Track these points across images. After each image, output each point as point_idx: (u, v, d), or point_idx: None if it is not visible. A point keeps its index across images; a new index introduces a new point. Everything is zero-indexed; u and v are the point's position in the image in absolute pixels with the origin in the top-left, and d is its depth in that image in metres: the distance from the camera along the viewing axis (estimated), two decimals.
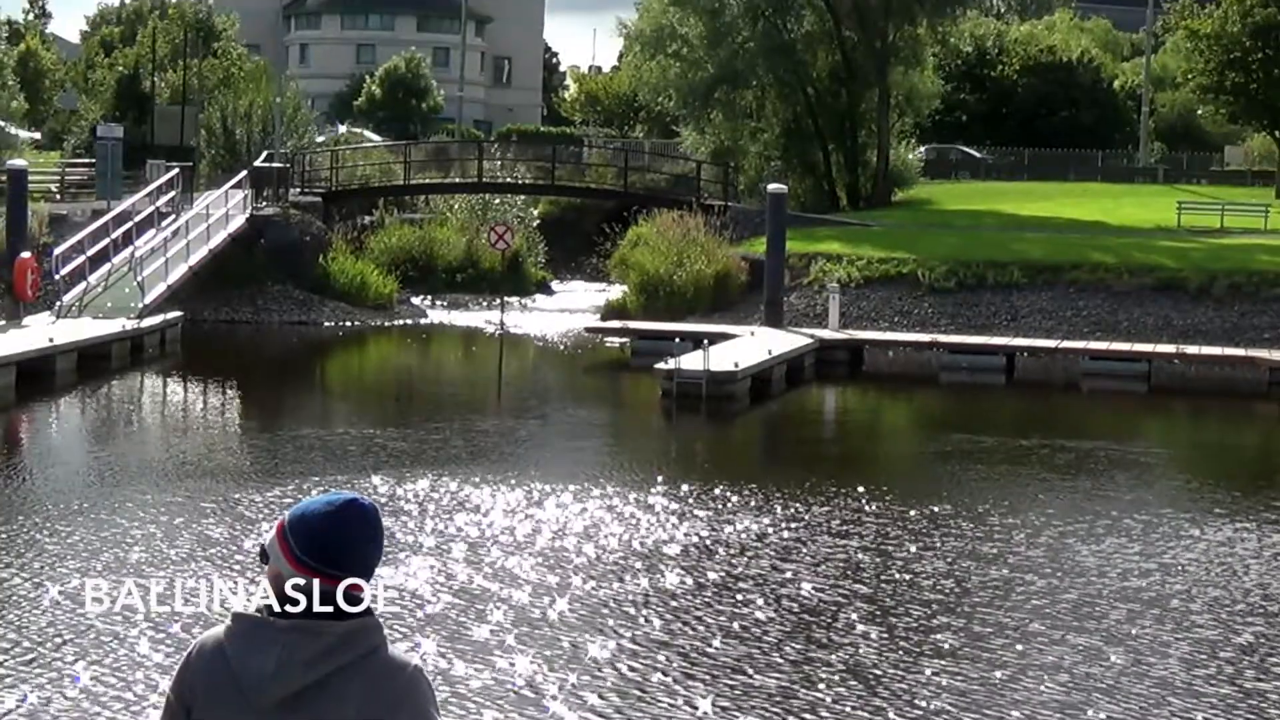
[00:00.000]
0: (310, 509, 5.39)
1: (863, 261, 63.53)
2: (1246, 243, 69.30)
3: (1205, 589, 25.10)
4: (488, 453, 37.01)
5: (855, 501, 30.90)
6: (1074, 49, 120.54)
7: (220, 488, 31.13)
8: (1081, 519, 30.20)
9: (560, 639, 20.88)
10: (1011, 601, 24.00)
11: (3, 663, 19.37)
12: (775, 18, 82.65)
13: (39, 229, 62.36)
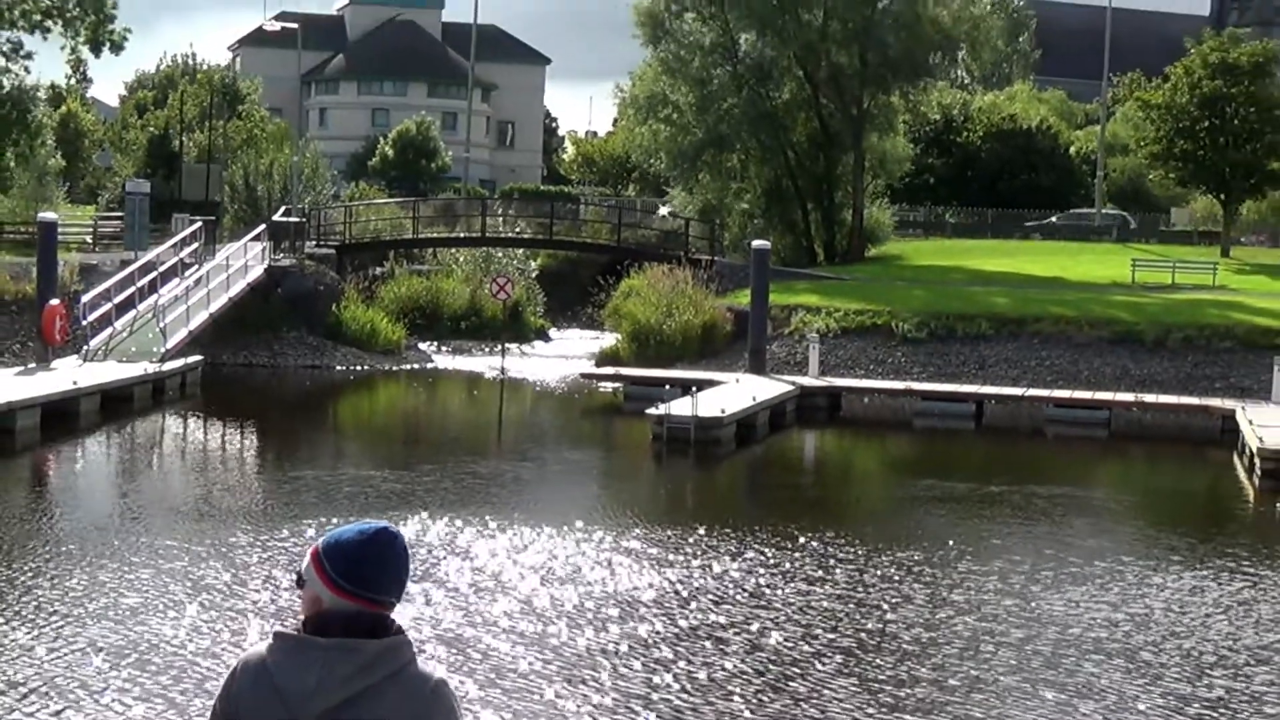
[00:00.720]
0: (344, 537, 5.44)
1: (840, 313, 62.93)
2: (1197, 298, 68.58)
3: (1173, 639, 23.87)
4: (481, 496, 35.79)
5: (831, 548, 29.82)
6: (1033, 117, 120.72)
7: (226, 528, 30.12)
8: (1048, 566, 29.07)
9: (531, 690, 19.79)
10: (982, 653, 22.68)
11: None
12: (759, 87, 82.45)
13: (70, 277, 61.41)
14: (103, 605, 23.36)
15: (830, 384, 56.23)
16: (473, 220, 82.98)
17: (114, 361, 52.85)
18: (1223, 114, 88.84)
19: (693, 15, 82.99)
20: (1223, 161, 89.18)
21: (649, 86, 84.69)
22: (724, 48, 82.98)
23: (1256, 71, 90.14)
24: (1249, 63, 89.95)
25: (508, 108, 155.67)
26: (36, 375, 48.59)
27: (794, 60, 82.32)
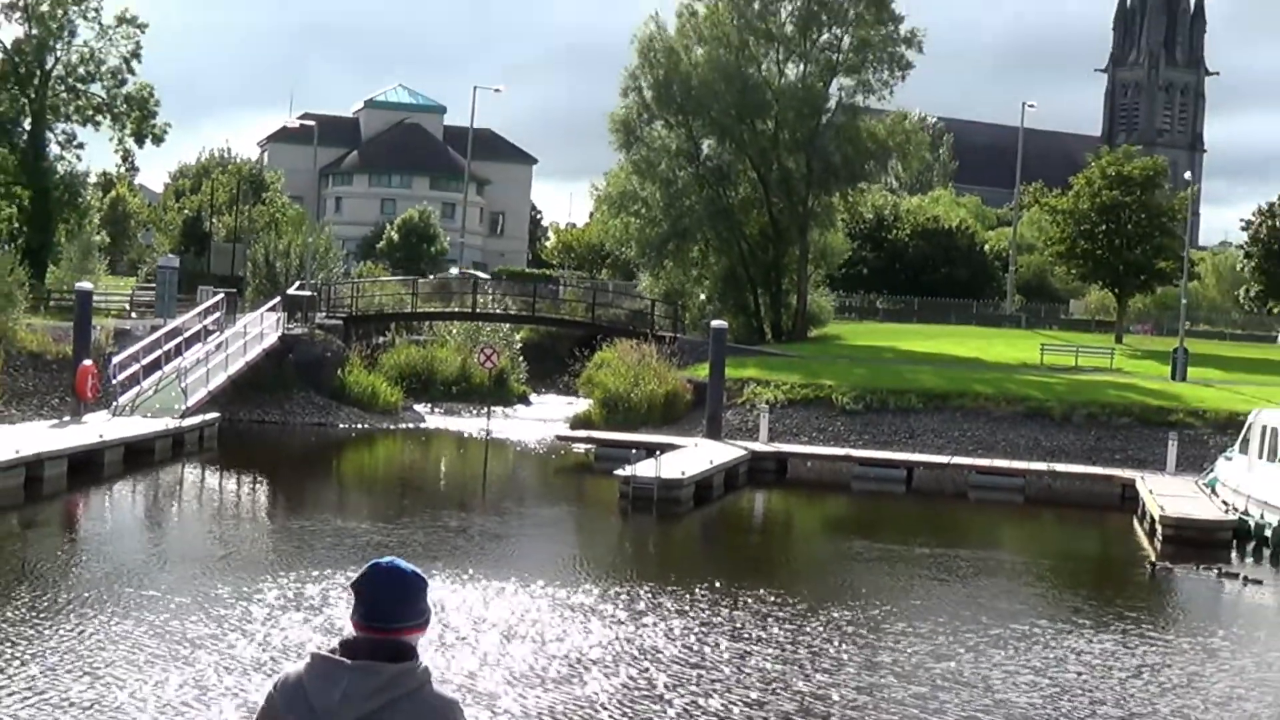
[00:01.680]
0: (361, 580, 5.38)
1: (787, 386, 61.86)
2: (1098, 379, 68.05)
3: (1093, 706, 22.27)
4: (461, 550, 34.06)
5: (772, 607, 28.21)
6: (953, 219, 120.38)
7: (231, 573, 28.86)
8: (972, 629, 27.38)
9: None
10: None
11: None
12: (717, 187, 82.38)
13: (106, 340, 60.26)
14: (113, 644, 22.06)
15: (778, 449, 54.91)
16: (465, 298, 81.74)
17: (139, 417, 51.34)
18: (1118, 219, 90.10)
19: (661, 124, 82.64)
20: (1118, 260, 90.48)
21: (621, 185, 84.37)
22: (687, 152, 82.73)
23: (1147, 183, 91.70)
24: (1141, 175, 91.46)
25: (499, 200, 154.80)
26: (68, 428, 47.15)
27: (749, 164, 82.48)
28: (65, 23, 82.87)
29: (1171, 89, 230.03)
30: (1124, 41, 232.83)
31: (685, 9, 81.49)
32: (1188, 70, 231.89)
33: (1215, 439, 55.36)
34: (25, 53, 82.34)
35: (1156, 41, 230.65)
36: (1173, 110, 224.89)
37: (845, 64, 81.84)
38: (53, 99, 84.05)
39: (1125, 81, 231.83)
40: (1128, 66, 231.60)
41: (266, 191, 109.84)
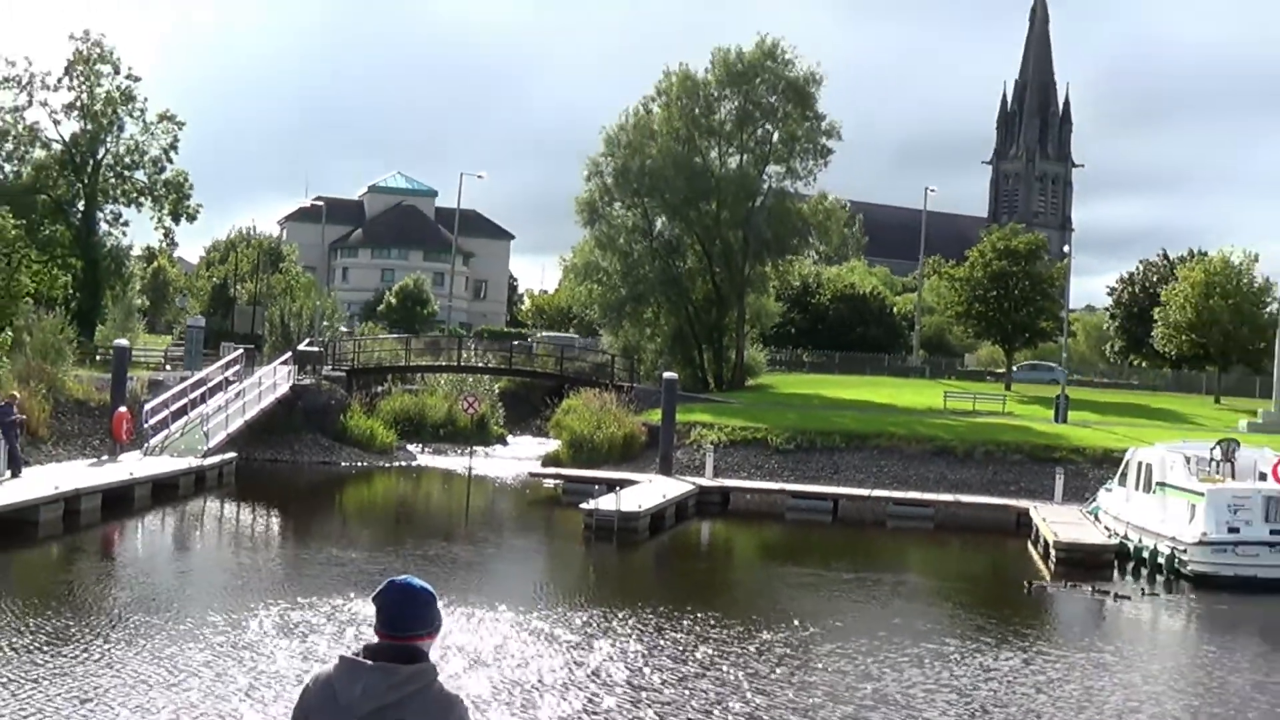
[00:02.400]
0: (382, 593, 5.39)
1: (729, 428, 60.43)
2: (993, 421, 66.92)
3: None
4: (441, 576, 32.34)
5: (713, 630, 26.77)
6: (866, 286, 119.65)
7: (243, 595, 28.22)
8: (892, 648, 26.02)
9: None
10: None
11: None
12: (668, 258, 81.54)
13: (141, 389, 58.89)
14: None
15: (722, 484, 53.39)
16: (452, 352, 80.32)
17: (168, 456, 50.43)
18: (1006, 286, 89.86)
19: (620, 204, 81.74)
20: (1006, 321, 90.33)
21: (586, 256, 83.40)
22: (643, 229, 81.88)
23: (1030, 255, 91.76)
24: (1025, 248, 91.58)
25: (482, 270, 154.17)
26: (104, 466, 46.35)
27: (695, 239, 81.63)
28: (115, 119, 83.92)
29: (1045, 178, 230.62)
30: (1005, 139, 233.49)
31: (642, 107, 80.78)
32: (1058, 163, 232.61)
33: (1094, 472, 54.80)
34: (81, 145, 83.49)
35: (1032, 139, 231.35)
36: (1046, 196, 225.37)
37: (775, 154, 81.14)
38: (103, 184, 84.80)
39: (1007, 172, 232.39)
40: (1009, 159, 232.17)
41: (283, 262, 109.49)
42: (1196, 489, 38.88)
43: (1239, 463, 40.97)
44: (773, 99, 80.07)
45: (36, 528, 35.91)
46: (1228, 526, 37.54)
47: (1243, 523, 37.59)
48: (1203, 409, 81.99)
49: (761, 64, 79.58)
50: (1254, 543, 37.27)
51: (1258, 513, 37.72)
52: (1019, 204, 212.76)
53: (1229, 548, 37.30)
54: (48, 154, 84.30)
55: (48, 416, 52.95)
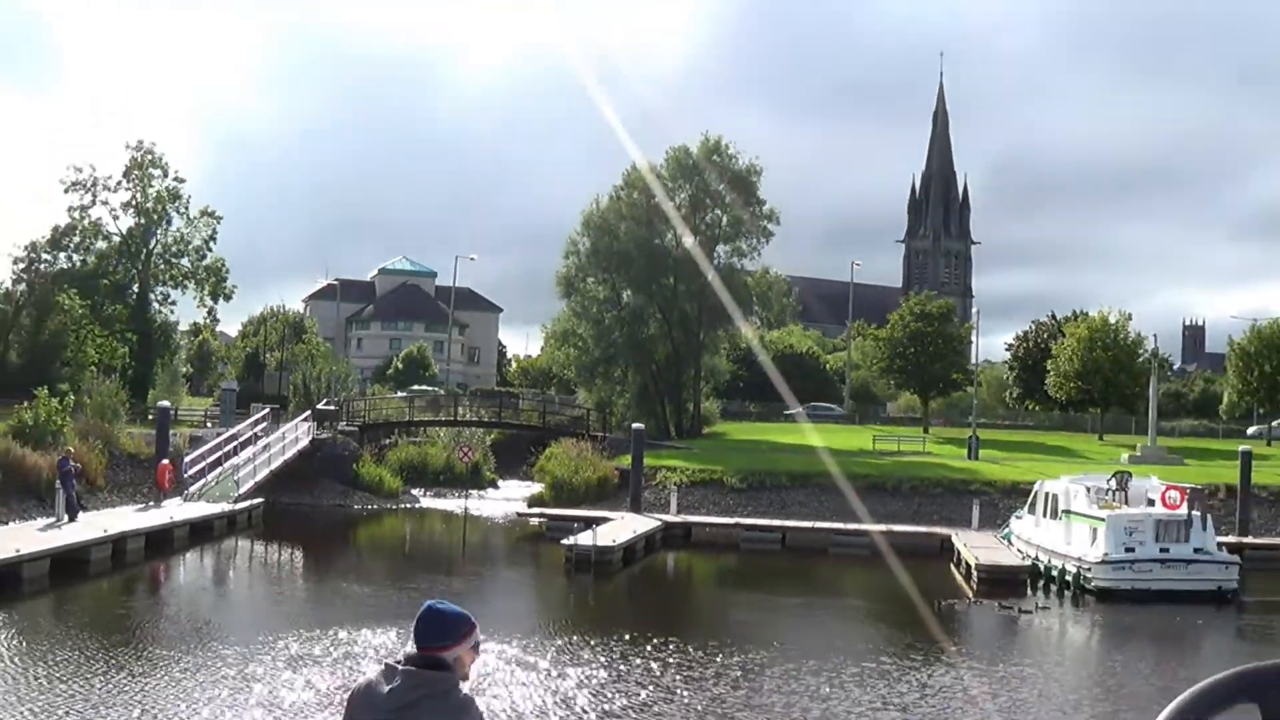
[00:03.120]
0: (418, 614, 5.28)
1: (689, 470, 58.58)
2: (916, 460, 65.53)
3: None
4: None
5: (677, 655, 25.37)
6: (802, 346, 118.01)
7: (274, 622, 27.52)
8: (837, 668, 24.79)
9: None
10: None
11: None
12: (634, 325, 79.55)
13: (184, 444, 58.14)
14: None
15: (684, 519, 51.49)
16: (449, 409, 78.61)
17: (204, 502, 49.34)
18: (923, 344, 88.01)
19: (592, 279, 79.96)
20: (923, 374, 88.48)
21: (564, 325, 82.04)
22: (612, 300, 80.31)
23: (943, 318, 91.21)
24: (938, 312, 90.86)
25: (475, 339, 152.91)
26: (149, 511, 45.35)
27: (657, 309, 79.77)
28: (164, 215, 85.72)
29: (949, 253, 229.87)
30: (915, 221, 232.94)
31: (611, 195, 79.54)
32: (959, 240, 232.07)
33: (1004, 502, 53.45)
34: (135, 236, 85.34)
35: (938, 221, 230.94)
36: (950, 268, 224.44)
37: (724, 235, 79.91)
38: (154, 269, 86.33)
39: (917, 249, 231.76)
40: (918, 238, 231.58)
41: (305, 334, 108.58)
42: (1098, 515, 37.88)
43: (1131, 491, 39.98)
44: (720, 188, 78.97)
45: (88, 566, 35.09)
46: (1124, 547, 36.64)
47: (1137, 543, 36.78)
48: (1089, 445, 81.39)
49: (708, 159, 78.70)
50: (1147, 560, 36.50)
51: (1149, 534, 36.94)
52: (928, 276, 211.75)
53: (1127, 565, 36.39)
54: (108, 245, 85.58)
55: (104, 468, 52.11)
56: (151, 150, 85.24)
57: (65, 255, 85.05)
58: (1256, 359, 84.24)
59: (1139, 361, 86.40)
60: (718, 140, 79.12)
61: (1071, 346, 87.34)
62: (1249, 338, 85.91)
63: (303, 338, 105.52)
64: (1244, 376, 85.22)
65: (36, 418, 50.43)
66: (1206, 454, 72.92)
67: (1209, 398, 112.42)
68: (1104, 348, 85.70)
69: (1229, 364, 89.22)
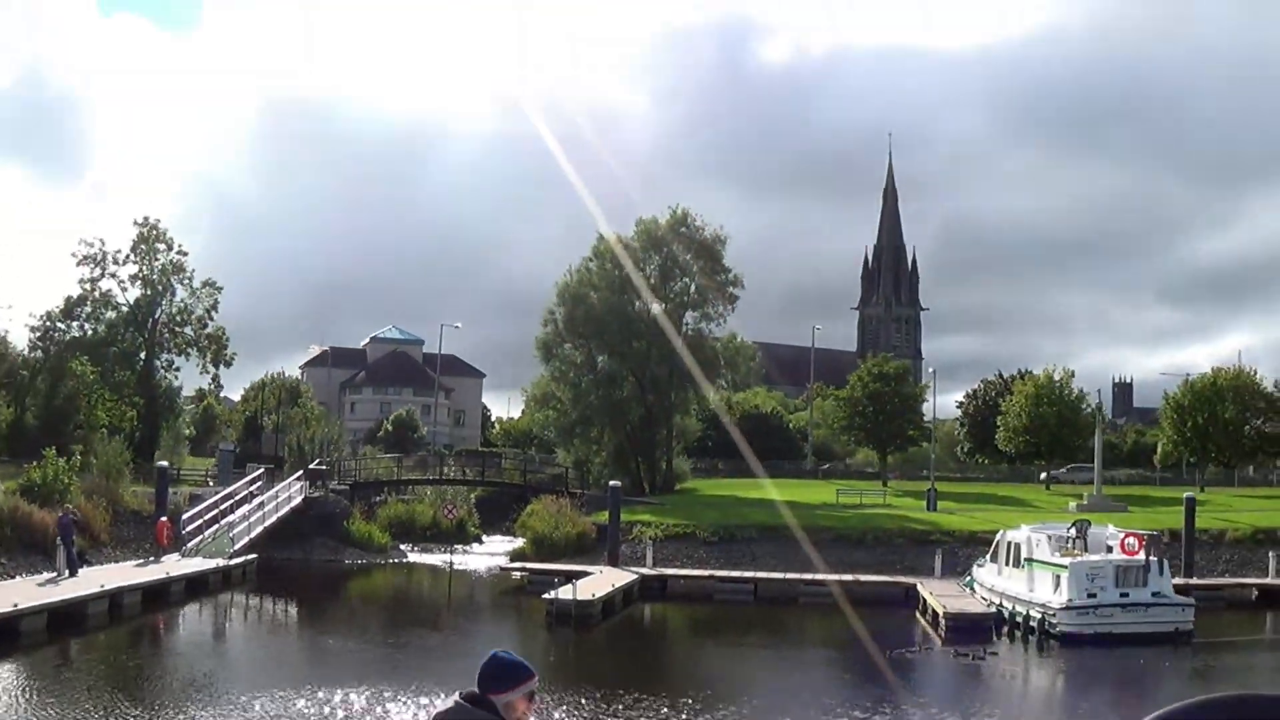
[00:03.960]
0: (483, 661, 5.29)
1: (664, 525, 56.72)
2: (878, 512, 63.76)
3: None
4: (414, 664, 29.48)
5: (652, 706, 23.93)
6: (767, 406, 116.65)
7: (262, 675, 26.51)
8: (807, 715, 23.83)
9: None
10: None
11: None
12: (609, 388, 77.77)
13: (184, 501, 57.01)
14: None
15: (660, 572, 49.36)
16: (436, 468, 77.06)
17: (201, 558, 47.89)
18: (880, 402, 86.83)
19: (570, 345, 78.27)
20: (882, 431, 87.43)
21: (543, 388, 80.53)
22: (588, 365, 78.73)
23: (899, 379, 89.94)
24: (894, 373, 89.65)
25: (460, 402, 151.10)
26: (148, 566, 44.27)
27: (630, 372, 78.16)
28: (169, 286, 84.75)
29: (900, 319, 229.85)
30: (868, 289, 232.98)
31: (585, 265, 78.18)
32: (909, 307, 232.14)
33: (963, 551, 52.17)
34: (141, 306, 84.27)
35: (889, 289, 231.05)
36: (902, 333, 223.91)
37: (692, 302, 78.61)
38: (159, 338, 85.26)
39: (870, 315, 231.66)
40: (871, 305, 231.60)
41: (300, 398, 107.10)
42: (1060, 562, 36.49)
43: (1090, 539, 38.63)
44: (688, 257, 77.83)
45: (86, 620, 33.79)
46: (1087, 592, 35.25)
47: (1099, 589, 35.45)
48: (1037, 495, 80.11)
49: (676, 230, 77.65)
50: (1109, 605, 35.10)
51: (1110, 580, 35.66)
52: (881, 341, 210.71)
53: (1090, 610, 34.96)
54: (117, 314, 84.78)
55: (108, 524, 50.81)
56: (156, 225, 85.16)
57: (77, 324, 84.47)
58: (1190, 411, 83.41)
59: (1082, 416, 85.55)
60: (685, 212, 78.24)
61: (1020, 403, 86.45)
62: (1182, 392, 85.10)
63: (298, 402, 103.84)
64: (1179, 428, 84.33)
65: (45, 476, 49.54)
66: (1147, 500, 72.05)
67: (1140, 448, 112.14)
68: (1049, 403, 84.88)
69: (1164, 416, 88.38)
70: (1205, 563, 51.76)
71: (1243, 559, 52.99)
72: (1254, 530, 55.05)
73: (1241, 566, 52.34)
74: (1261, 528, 55.37)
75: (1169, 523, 53.55)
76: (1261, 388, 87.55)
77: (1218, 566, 52.15)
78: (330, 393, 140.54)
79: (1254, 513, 61.17)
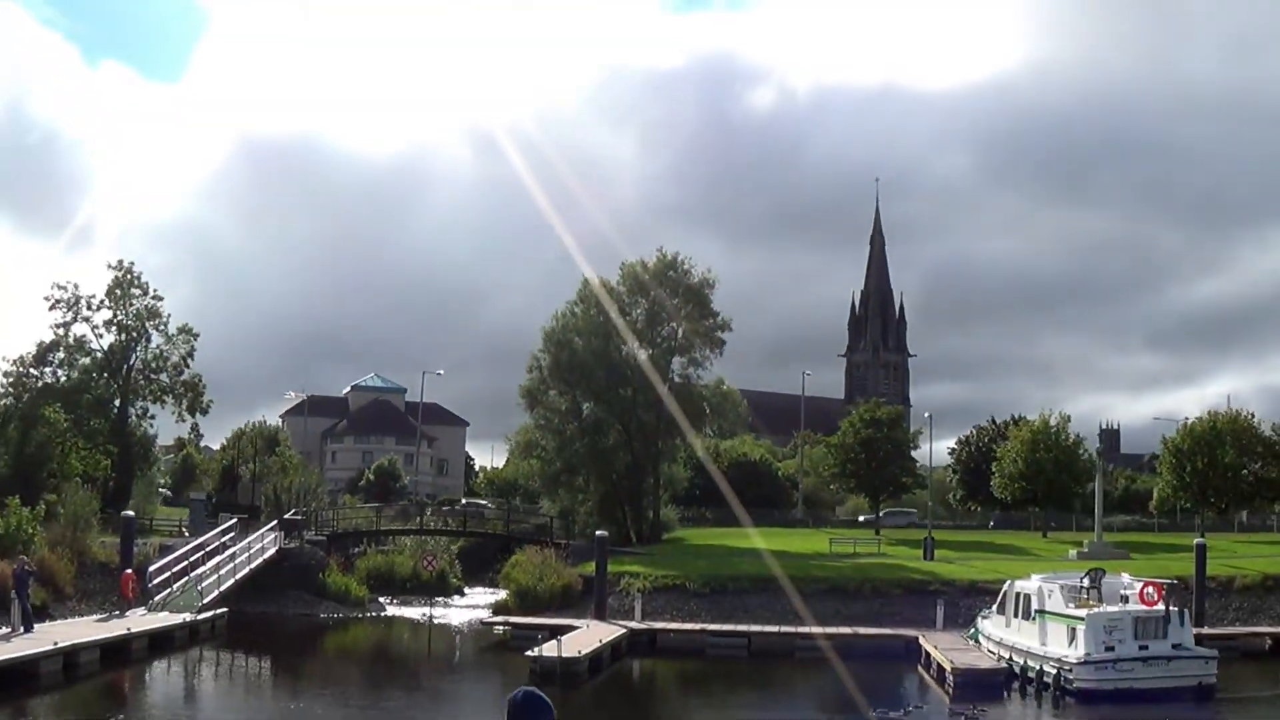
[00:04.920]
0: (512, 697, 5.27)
1: (652, 576, 53.96)
2: (873, 561, 61.55)
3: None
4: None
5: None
6: (755, 454, 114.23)
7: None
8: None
9: None
10: None
11: None
12: (594, 435, 75.79)
13: (154, 552, 54.23)
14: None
15: (650, 626, 46.82)
16: (417, 518, 74.86)
17: (167, 612, 45.29)
18: (873, 449, 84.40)
19: (554, 392, 76.35)
20: (875, 478, 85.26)
21: (527, 436, 79.11)
22: (573, 412, 76.74)
23: (892, 424, 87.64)
24: (887, 418, 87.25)
25: (443, 451, 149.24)
26: (109, 622, 41.68)
27: (616, 419, 76.16)
28: (143, 332, 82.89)
29: (888, 365, 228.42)
30: (856, 336, 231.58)
31: (570, 310, 76.32)
32: (897, 353, 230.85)
33: (964, 601, 49.89)
34: (116, 352, 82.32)
35: (876, 336, 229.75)
36: (889, 380, 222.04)
37: (680, 347, 76.68)
38: (134, 385, 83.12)
39: (857, 362, 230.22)
40: (859, 352, 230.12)
41: (279, 446, 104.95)
42: (1076, 614, 34.34)
43: (1105, 589, 36.52)
44: (675, 301, 75.97)
45: (38, 679, 31.74)
46: (1104, 645, 33.09)
47: (1117, 641, 33.26)
48: (1034, 543, 78.11)
49: (664, 274, 75.82)
50: (1129, 659, 32.90)
51: (1128, 631, 33.47)
52: (869, 387, 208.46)
53: (1109, 665, 32.78)
54: (91, 360, 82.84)
55: (73, 577, 48.55)
56: (131, 269, 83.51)
57: (50, 370, 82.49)
58: (1190, 456, 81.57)
59: (1080, 461, 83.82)
60: (674, 256, 76.53)
61: (1015, 448, 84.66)
62: (1181, 436, 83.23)
63: (275, 450, 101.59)
64: (1178, 473, 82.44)
65: (7, 526, 47.31)
66: (1147, 547, 70.13)
67: (1131, 494, 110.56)
68: (1046, 448, 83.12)
69: (1163, 461, 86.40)
70: (1214, 611, 49.81)
71: (1253, 607, 51.07)
72: (1264, 577, 53.10)
73: (1252, 615, 50.42)
74: (1271, 574, 53.42)
75: (1175, 569, 51.56)
76: (1259, 431, 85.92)
77: (1227, 615, 50.19)
78: (312, 442, 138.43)
79: (1261, 559, 59.33)
